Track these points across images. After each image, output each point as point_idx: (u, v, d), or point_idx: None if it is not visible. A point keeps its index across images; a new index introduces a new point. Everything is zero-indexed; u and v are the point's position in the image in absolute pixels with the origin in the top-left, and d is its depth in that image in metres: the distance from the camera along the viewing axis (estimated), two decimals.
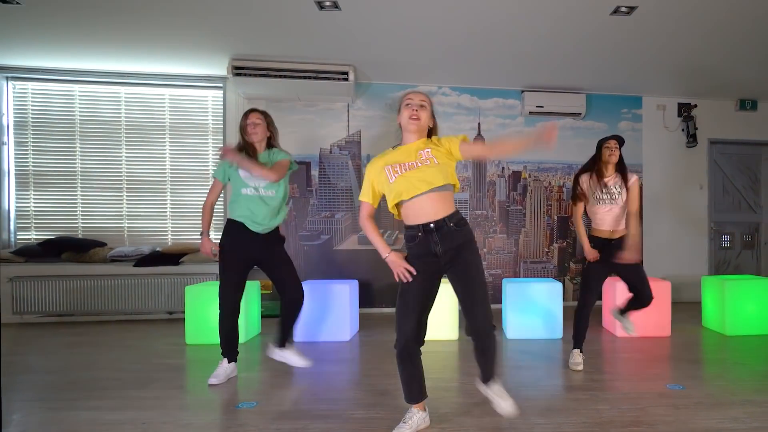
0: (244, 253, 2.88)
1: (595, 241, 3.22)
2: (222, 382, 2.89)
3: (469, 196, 5.57)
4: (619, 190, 3.18)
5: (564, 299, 4.31)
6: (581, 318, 3.24)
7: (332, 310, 4.05)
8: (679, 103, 5.97)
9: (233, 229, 2.86)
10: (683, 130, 5.95)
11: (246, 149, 2.89)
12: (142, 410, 2.48)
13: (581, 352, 3.28)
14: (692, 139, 5.88)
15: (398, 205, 2.15)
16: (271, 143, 3.01)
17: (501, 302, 4.65)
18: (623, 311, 3.44)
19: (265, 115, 2.99)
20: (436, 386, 2.83)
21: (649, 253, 5.87)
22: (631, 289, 3.28)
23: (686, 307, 5.38)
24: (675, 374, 3.10)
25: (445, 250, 2.07)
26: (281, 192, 2.94)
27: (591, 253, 3.16)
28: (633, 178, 3.21)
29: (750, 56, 4.64)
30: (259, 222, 2.85)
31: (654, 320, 4.12)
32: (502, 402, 2.20)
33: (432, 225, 2.06)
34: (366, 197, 2.22)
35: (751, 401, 2.59)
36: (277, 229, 2.98)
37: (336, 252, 5.37)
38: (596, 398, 2.65)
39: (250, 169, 2.77)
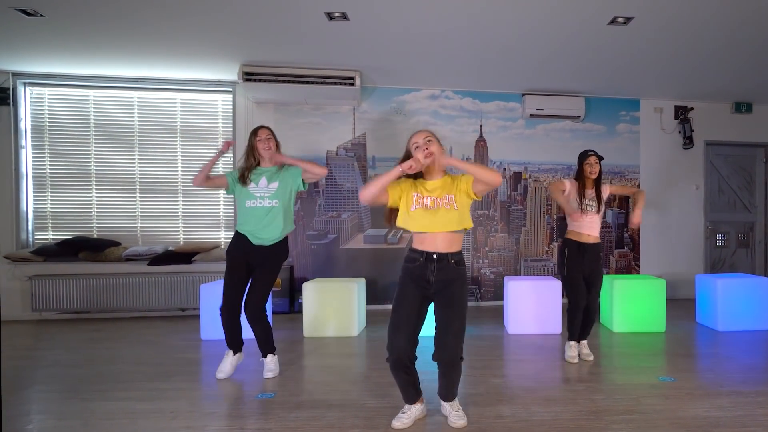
0: (245, 258, 3.02)
1: (571, 245, 3.43)
2: (229, 375, 3.06)
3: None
4: (595, 202, 3.44)
5: (563, 296, 4.48)
6: (575, 317, 3.43)
7: (340, 307, 4.23)
8: (675, 106, 6.13)
9: (238, 239, 3.04)
10: (680, 132, 6.11)
11: (253, 164, 3.06)
12: (169, 400, 2.66)
13: (578, 343, 3.50)
14: (689, 140, 6.04)
15: (407, 229, 2.27)
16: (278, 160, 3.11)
17: (503, 299, 4.82)
18: (581, 336, 3.53)
19: (271, 130, 3.13)
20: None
21: (646, 252, 6.05)
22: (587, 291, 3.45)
23: (682, 304, 5.56)
24: (668, 367, 3.28)
25: (437, 280, 2.22)
26: (285, 200, 3.05)
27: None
28: (606, 191, 3.57)
29: (744, 62, 4.80)
30: (262, 236, 2.99)
31: (649, 316, 4.29)
32: (457, 420, 2.33)
33: (435, 256, 2.21)
34: (383, 184, 2.19)
35: (737, 392, 2.77)
36: (279, 242, 3.08)
37: (342, 251, 5.55)
38: (592, 389, 2.83)
39: (297, 163, 3.06)
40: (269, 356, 3.13)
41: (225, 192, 3.26)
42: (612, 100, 5.99)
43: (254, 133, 3.09)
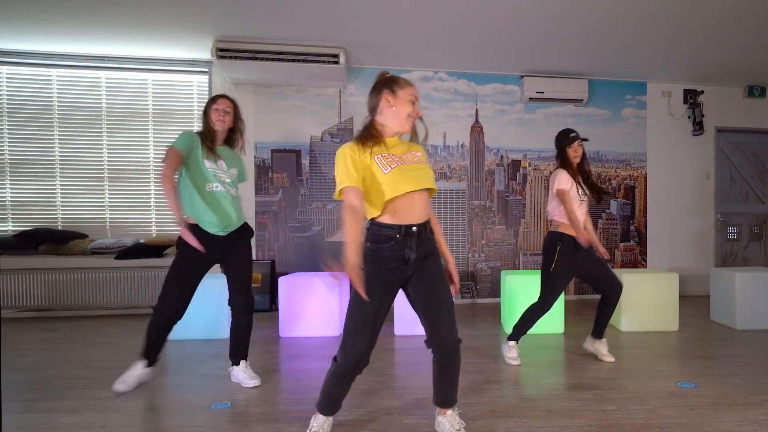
0: (204, 257, 2.51)
1: (566, 240, 2.95)
2: (131, 388, 2.54)
3: (467, 185, 5.34)
4: (587, 189, 3.04)
5: (566, 293, 4.09)
6: (533, 320, 3.05)
7: (322, 304, 3.83)
8: (685, 90, 5.74)
9: (194, 233, 2.47)
10: (689, 117, 5.72)
11: (206, 136, 2.58)
12: (104, 412, 2.27)
13: (517, 344, 3.12)
14: (698, 126, 5.65)
15: (385, 203, 1.83)
16: (232, 138, 2.71)
17: (500, 295, 4.43)
18: (599, 334, 3.16)
19: (235, 104, 2.69)
20: (428, 385, 2.62)
21: (653, 245, 5.66)
22: (598, 284, 3.02)
23: (693, 301, 5.17)
24: (685, 371, 2.89)
25: (417, 257, 1.83)
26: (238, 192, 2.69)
27: (585, 240, 2.92)
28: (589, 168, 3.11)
29: (759, 41, 4.41)
30: (227, 216, 2.56)
31: (661, 314, 3.91)
32: None
33: (414, 228, 1.82)
34: (351, 180, 1.78)
35: None
36: (244, 225, 2.69)
37: (328, 244, 5.15)
38: (601, 398, 2.44)
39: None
40: (242, 363, 2.70)
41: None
42: (617, 83, 5.59)
43: (213, 99, 2.61)
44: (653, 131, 5.68)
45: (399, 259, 1.82)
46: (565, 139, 3.02)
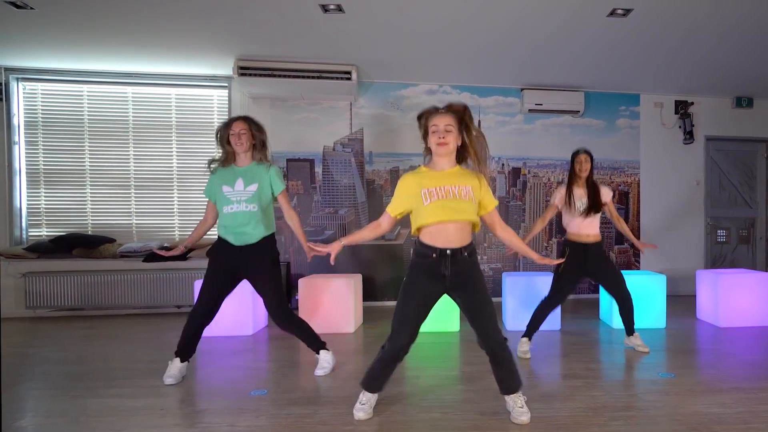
0: (228, 263, 2.83)
1: (573, 246, 3.41)
2: (179, 380, 2.86)
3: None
4: (585, 201, 3.42)
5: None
6: (543, 315, 3.44)
7: (336, 304, 4.18)
8: (676, 101, 6.07)
9: (220, 243, 2.86)
10: (680, 127, 6.06)
11: (227, 158, 2.86)
12: (160, 397, 2.61)
13: (530, 341, 3.49)
14: (689, 136, 5.98)
15: (421, 227, 2.18)
16: (258, 154, 2.89)
17: (501, 295, 4.77)
18: (629, 332, 3.57)
19: (248, 121, 2.85)
20: (439, 374, 2.97)
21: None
22: (609, 291, 3.47)
23: (682, 300, 5.51)
24: (668, 363, 3.23)
25: (452, 273, 2.16)
26: (263, 203, 2.86)
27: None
28: (608, 195, 3.48)
29: (745, 55, 4.74)
30: (242, 233, 2.80)
31: (650, 312, 4.24)
32: (519, 416, 2.26)
33: (448, 252, 2.14)
34: (393, 211, 2.23)
35: (739, 388, 2.72)
36: (263, 240, 2.86)
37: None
38: (591, 385, 2.78)
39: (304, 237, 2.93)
40: (322, 352, 3.05)
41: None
42: (612, 95, 5.93)
43: (227, 125, 2.82)
44: (646, 140, 6.02)
45: (436, 274, 2.16)
46: (573, 154, 3.48)
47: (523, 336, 3.48)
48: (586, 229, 3.42)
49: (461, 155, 2.26)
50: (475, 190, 2.19)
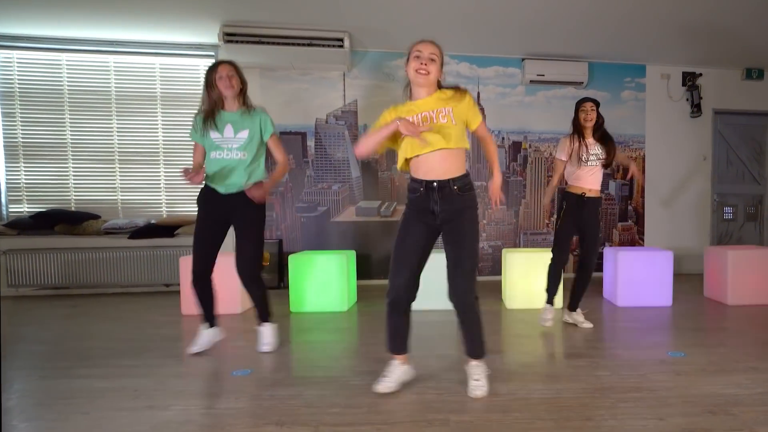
0: (216, 210, 2.70)
1: (570, 198, 3.29)
2: (203, 348, 2.81)
3: (469, 166, 5.47)
4: (599, 153, 3.26)
5: (564, 271, 4.25)
6: (554, 275, 3.37)
7: (328, 281, 4.00)
8: (683, 72, 5.83)
9: (207, 190, 2.71)
10: (687, 99, 5.82)
11: (215, 106, 2.65)
12: (135, 378, 2.44)
13: (552, 306, 3.42)
14: (696, 109, 5.75)
15: (408, 159, 2.09)
16: (245, 100, 2.73)
17: (501, 273, 4.60)
18: (573, 306, 3.46)
19: (235, 65, 2.70)
20: (432, 354, 2.80)
21: (651, 224, 5.81)
22: (581, 253, 3.36)
23: (688, 279, 5.35)
24: (676, 342, 3.06)
25: (443, 209, 2.03)
26: (254, 151, 2.71)
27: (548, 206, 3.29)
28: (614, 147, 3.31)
29: (758, 23, 4.49)
30: (230, 182, 2.67)
31: (655, 290, 4.07)
32: (474, 390, 2.14)
33: (435, 184, 2.02)
34: (372, 128, 2.14)
35: (754, 368, 2.55)
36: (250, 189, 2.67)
37: (333, 224, 5.30)
38: (596, 365, 2.61)
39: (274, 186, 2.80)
40: (265, 325, 2.89)
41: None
42: (616, 65, 5.68)
43: (213, 69, 2.64)
44: (652, 113, 5.78)
45: (426, 210, 2.05)
46: (577, 103, 3.31)
47: (547, 302, 3.42)
48: (590, 183, 3.27)
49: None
50: (456, 109, 2.04)
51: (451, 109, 2.03)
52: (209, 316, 2.83)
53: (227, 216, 2.72)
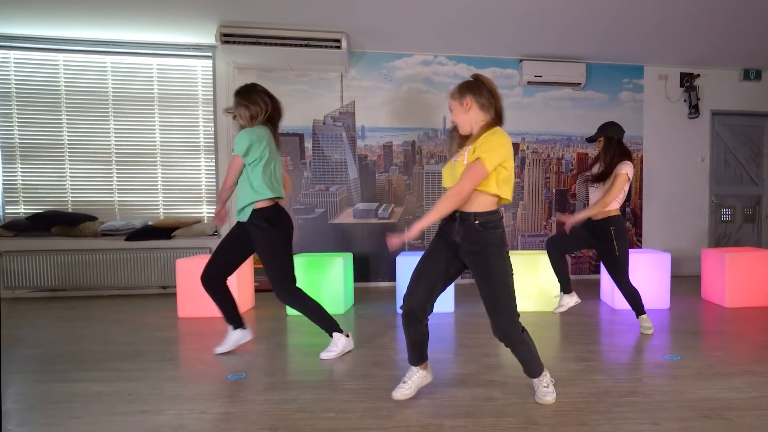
0: (240, 231, 2.76)
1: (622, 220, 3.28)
2: (230, 349, 2.90)
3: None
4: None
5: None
6: (561, 265, 3.41)
7: (326, 283, 3.99)
8: (681, 73, 5.82)
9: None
10: (685, 100, 5.82)
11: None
12: (130, 381, 2.43)
13: (566, 294, 3.48)
14: (694, 110, 5.74)
15: None
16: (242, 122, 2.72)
17: None
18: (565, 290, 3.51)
19: (236, 93, 2.70)
20: (431, 357, 2.78)
21: (648, 226, 5.81)
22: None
23: (686, 281, 5.34)
24: (673, 345, 3.06)
25: (463, 241, 2.04)
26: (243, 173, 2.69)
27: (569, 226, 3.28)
28: (621, 170, 3.15)
29: (755, 24, 4.48)
30: (238, 208, 2.71)
31: (653, 292, 4.06)
32: (543, 396, 2.17)
33: (458, 214, 2.05)
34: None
35: (750, 371, 2.55)
36: (254, 213, 2.65)
37: (331, 226, 5.29)
38: (592, 369, 2.61)
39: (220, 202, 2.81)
40: (335, 335, 2.86)
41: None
42: (614, 66, 5.67)
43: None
44: (650, 114, 5.78)
45: (448, 238, 2.09)
46: (621, 130, 3.27)
47: (562, 291, 3.47)
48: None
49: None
50: (471, 153, 2.00)
51: (467, 151, 2.01)
52: (230, 318, 2.85)
53: (247, 239, 2.76)
